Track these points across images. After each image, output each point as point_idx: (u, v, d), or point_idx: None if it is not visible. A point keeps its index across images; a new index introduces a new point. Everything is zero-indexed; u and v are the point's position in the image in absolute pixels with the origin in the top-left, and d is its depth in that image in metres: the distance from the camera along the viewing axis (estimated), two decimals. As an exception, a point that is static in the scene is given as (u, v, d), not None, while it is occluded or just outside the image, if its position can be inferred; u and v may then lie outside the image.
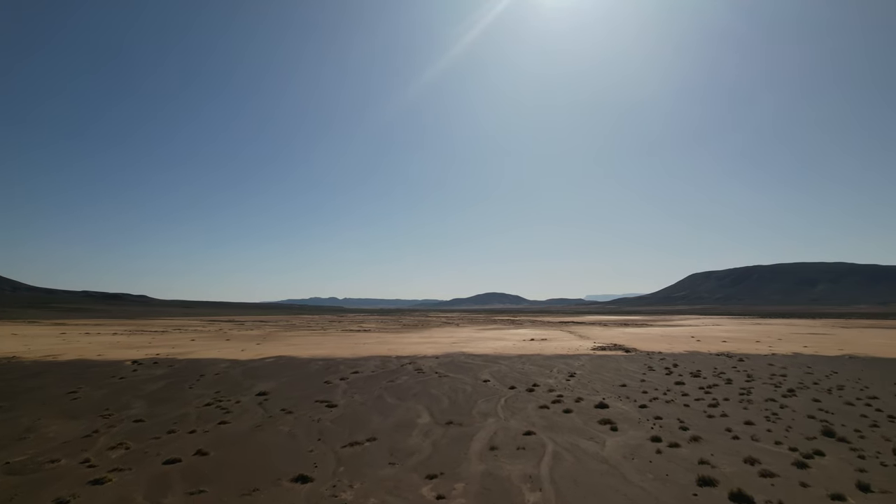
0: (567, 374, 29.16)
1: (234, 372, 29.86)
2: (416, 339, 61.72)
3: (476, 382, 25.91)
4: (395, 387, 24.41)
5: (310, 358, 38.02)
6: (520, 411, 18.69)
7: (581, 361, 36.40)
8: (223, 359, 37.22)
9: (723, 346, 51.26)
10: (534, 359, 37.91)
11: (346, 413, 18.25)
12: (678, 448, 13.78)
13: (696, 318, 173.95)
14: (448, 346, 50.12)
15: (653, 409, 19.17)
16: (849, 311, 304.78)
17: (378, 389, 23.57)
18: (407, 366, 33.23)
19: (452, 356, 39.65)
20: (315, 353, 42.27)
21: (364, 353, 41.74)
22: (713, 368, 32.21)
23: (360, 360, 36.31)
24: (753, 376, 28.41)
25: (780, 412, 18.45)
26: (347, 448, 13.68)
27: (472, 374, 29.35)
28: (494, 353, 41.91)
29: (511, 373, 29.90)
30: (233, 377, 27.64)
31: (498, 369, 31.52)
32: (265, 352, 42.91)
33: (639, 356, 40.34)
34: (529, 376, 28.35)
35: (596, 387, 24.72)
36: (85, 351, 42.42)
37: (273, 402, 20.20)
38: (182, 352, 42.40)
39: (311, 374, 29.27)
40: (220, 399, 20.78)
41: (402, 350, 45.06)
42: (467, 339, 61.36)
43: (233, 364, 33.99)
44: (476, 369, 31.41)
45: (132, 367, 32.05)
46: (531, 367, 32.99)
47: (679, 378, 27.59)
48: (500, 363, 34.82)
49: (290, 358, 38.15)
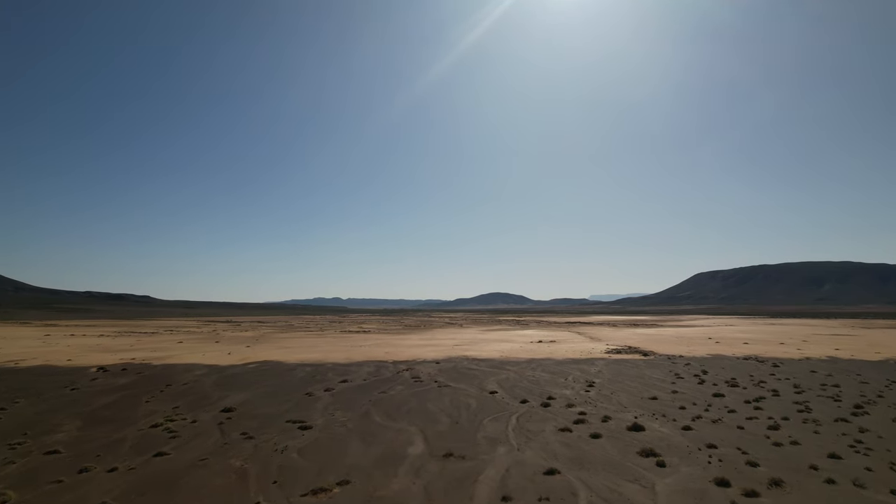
0: (585, 384, 25.53)
1: (207, 380, 26.42)
2: (416, 340, 58.20)
3: (481, 394, 22.34)
4: (387, 400, 20.86)
5: (297, 363, 34.55)
6: (536, 436, 15.10)
7: (597, 367, 32.76)
8: (202, 364, 33.81)
9: (746, 348, 47.43)
10: (545, 364, 34.29)
11: (321, 439, 14.72)
12: (759, 500, 10.15)
13: (706, 318, 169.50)
14: (450, 348, 46.56)
15: (700, 431, 15.53)
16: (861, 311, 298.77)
17: (366, 404, 20.03)
18: (403, 373, 29.70)
19: (455, 361, 36.10)
20: (305, 357, 38.82)
21: (358, 358, 38.25)
22: (748, 376, 28.49)
23: (352, 366, 32.81)
24: (801, 386, 24.65)
25: (865, 438, 14.74)
26: (308, 498, 10.15)
27: (476, 383, 25.78)
28: (501, 358, 38.31)
29: (521, 381, 26.30)
30: (202, 387, 24.19)
31: (506, 377, 27.93)
32: (252, 356, 39.51)
33: (659, 360, 36.64)
34: (542, 386, 24.74)
35: (622, 400, 21.10)
36: (55, 355, 39.12)
37: (236, 422, 16.71)
38: (162, 356, 39.05)
39: (294, 383, 25.78)
40: (174, 417, 17.30)
41: (400, 354, 41.54)
42: (471, 341, 57.77)
43: (210, 370, 30.57)
44: (481, 377, 27.85)
45: (95, 374, 28.69)
46: (543, 374, 29.37)
47: (715, 388, 23.91)
48: (508, 370, 31.24)
49: (275, 363, 34.71)
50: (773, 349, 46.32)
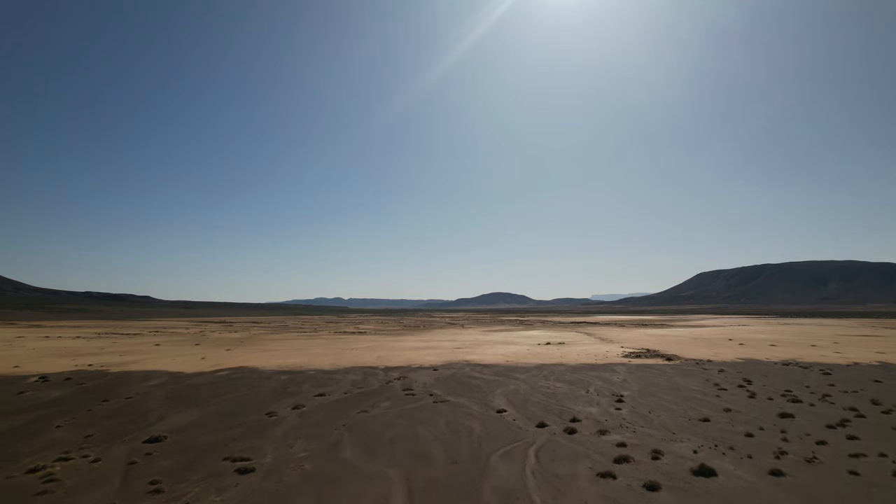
0: (612, 397, 21.06)
1: (157, 393, 22.05)
2: (414, 342, 53.78)
3: (486, 413, 17.93)
4: (367, 423, 16.46)
5: (275, 370, 30.18)
6: (567, 486, 10.69)
7: (619, 375, 28.31)
8: (165, 371, 29.45)
9: (776, 351, 42.88)
10: (557, 371, 29.84)
11: (257, 493, 10.33)
12: None
13: (715, 318, 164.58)
14: (450, 352, 42.15)
15: (798, 479, 11.10)
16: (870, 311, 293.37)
17: (339, 429, 15.63)
18: (394, 382, 25.30)
19: (455, 367, 31.68)
20: (287, 362, 34.46)
21: (346, 363, 33.86)
22: (803, 387, 23.98)
23: (336, 374, 28.43)
24: (881, 402, 20.10)
25: None
26: None
27: (479, 397, 21.36)
28: (507, 363, 33.87)
29: (534, 394, 21.87)
30: (146, 403, 19.82)
31: (515, 388, 23.50)
32: (228, 361, 35.16)
33: (687, 366, 32.16)
34: (561, 401, 20.30)
35: (665, 421, 16.65)
36: (6, 361, 34.80)
37: (154, 462, 12.33)
38: (126, 361, 34.71)
39: (261, 396, 21.40)
40: (72, 455, 12.85)
41: (395, 358, 37.14)
42: (473, 343, 53.31)
43: (170, 379, 26.22)
44: (485, 389, 23.42)
45: (31, 385, 24.34)
46: (558, 384, 24.91)
47: (773, 404, 19.44)
48: (517, 378, 26.81)
49: (250, 370, 30.36)
50: (808, 353, 41.75)
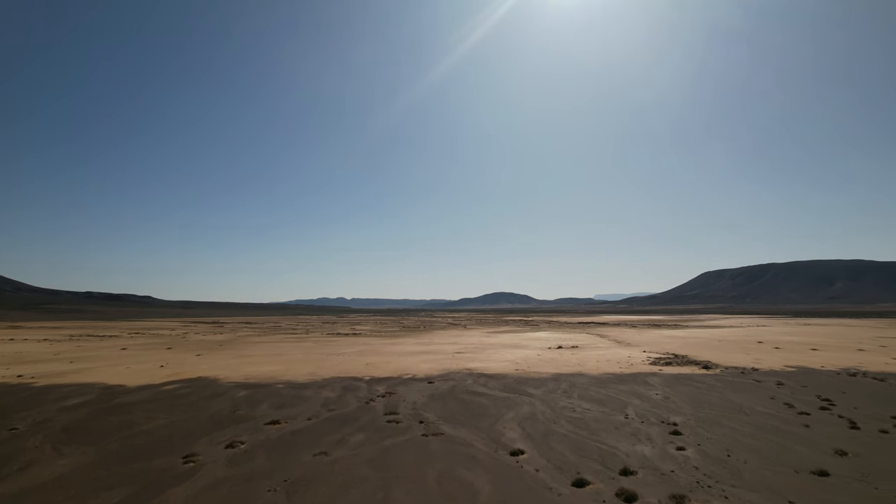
0: (662, 426, 15.66)
1: (60, 420, 16.79)
2: (410, 346, 48.48)
3: (496, 458, 12.58)
4: (320, 478, 11.10)
5: (235, 383, 24.92)
6: None
7: (656, 389, 22.93)
8: (100, 385, 24.23)
9: (821, 357, 37.35)
10: (580, 384, 24.46)
11: None
12: None
13: (728, 318, 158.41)
14: (450, 358, 36.82)
15: None
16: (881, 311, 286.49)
17: (276, 490, 10.30)
18: (377, 401, 20.03)
19: (454, 378, 26.37)
20: (258, 371, 29.25)
21: (327, 372, 28.61)
22: (903, 408, 18.57)
23: (309, 388, 23.16)
24: None
25: None
26: None
27: (486, 425, 16.04)
28: (517, 373, 28.53)
29: (557, 421, 16.52)
30: (28, 439, 14.56)
31: (530, 411, 18.17)
32: (188, 370, 29.97)
33: (732, 376, 26.72)
34: (596, 433, 14.94)
35: (763, 475, 11.26)
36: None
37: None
38: (66, 371, 29.55)
39: (193, 424, 16.12)
40: None
41: (385, 366, 31.86)
42: (476, 346, 47.96)
43: (98, 397, 21.02)
44: (492, 411, 18.09)
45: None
46: (586, 404, 19.54)
47: (889, 438, 14.05)
48: (531, 394, 21.47)
49: (208, 382, 25.14)
50: (862, 359, 36.20)
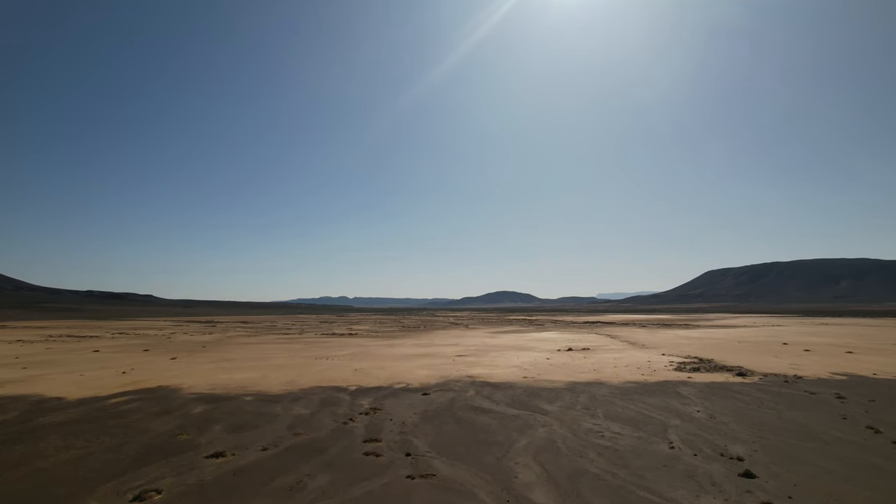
0: (723, 460, 11.85)
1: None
2: (408, 348, 44.76)
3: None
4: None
5: (197, 395, 21.24)
6: None
7: (694, 404, 19.14)
8: (33, 397, 20.46)
9: (864, 362, 33.39)
10: (601, 396, 20.66)
11: None
12: None
13: (737, 317, 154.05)
14: (450, 362, 33.07)
15: None
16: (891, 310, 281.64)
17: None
18: (358, 420, 16.30)
19: (454, 389, 22.61)
20: (231, 378, 25.57)
21: (307, 381, 24.91)
22: None
23: (280, 402, 19.45)
24: None
25: None
26: None
27: (490, 460, 12.26)
28: (526, 381, 24.75)
29: (584, 451, 12.74)
30: None
31: (547, 436, 14.38)
32: (151, 378, 26.30)
33: (776, 386, 22.85)
34: (638, 473, 11.12)
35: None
36: None
37: None
38: (12, 378, 25.90)
39: (113, 459, 12.37)
40: None
41: (376, 372, 28.13)
42: (479, 348, 44.19)
43: (20, 416, 17.34)
44: (500, 437, 14.30)
45: None
46: (615, 426, 15.73)
47: None
48: (545, 411, 17.69)
49: (163, 394, 21.46)
50: (911, 363, 32.29)
